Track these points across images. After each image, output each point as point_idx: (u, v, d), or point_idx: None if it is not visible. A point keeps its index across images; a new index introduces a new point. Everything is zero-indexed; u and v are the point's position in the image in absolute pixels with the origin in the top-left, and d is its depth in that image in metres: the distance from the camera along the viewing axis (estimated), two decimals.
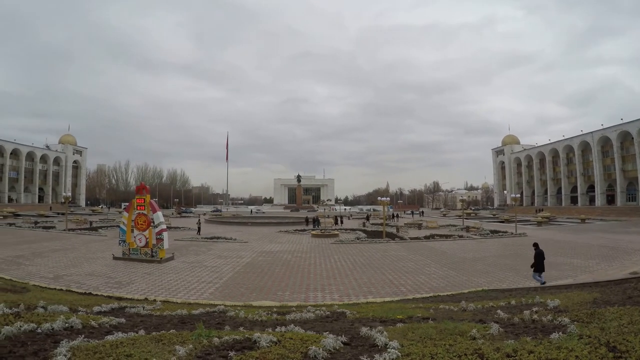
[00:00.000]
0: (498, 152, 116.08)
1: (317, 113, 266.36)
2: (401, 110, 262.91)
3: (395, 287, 13.96)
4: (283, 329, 5.10)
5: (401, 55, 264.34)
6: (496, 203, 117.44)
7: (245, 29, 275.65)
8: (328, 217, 51.15)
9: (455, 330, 4.53)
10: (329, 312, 7.26)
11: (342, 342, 4.18)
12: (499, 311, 6.40)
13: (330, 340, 4.04)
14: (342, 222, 51.22)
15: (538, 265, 13.08)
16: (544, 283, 12.69)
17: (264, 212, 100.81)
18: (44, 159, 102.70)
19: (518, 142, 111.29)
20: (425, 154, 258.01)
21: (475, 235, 33.36)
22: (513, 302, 8.13)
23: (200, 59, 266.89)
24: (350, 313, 7.11)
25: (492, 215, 74.34)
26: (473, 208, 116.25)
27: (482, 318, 6.10)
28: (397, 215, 67.53)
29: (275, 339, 4.20)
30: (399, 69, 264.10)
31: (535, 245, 13.76)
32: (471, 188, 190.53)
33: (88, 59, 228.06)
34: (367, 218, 59.24)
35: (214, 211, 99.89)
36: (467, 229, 38.91)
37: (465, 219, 52.74)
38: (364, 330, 4.72)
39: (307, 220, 47.43)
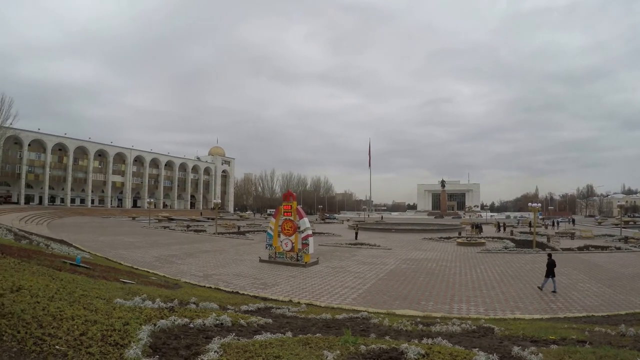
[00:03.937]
0: None
1: (459, 113, 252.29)
2: (549, 104, 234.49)
3: (545, 303, 12.88)
4: (430, 341, 5.16)
5: (544, 41, 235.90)
6: None
7: (378, 31, 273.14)
8: (487, 224, 49.99)
9: (617, 359, 4.22)
10: (475, 327, 7.13)
11: None
12: None
13: (482, 359, 4.00)
14: (504, 229, 50.11)
15: (549, 272, 14.54)
16: (554, 291, 14.29)
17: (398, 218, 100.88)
18: (195, 169, 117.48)
19: None
20: (578, 153, 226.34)
21: (635, 247, 28.75)
22: None
23: (336, 65, 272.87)
24: (499, 329, 6.90)
25: None
26: (632, 215, 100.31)
27: None
28: (558, 223, 62.20)
29: (423, 352, 4.19)
30: (544, 57, 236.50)
31: (549, 255, 15.41)
32: (629, 192, 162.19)
33: (232, 75, 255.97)
34: (530, 225, 55.14)
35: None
36: (626, 239, 33.79)
37: (623, 227, 45.87)
38: (516, 349, 4.60)
39: (473, 226, 48.73)
